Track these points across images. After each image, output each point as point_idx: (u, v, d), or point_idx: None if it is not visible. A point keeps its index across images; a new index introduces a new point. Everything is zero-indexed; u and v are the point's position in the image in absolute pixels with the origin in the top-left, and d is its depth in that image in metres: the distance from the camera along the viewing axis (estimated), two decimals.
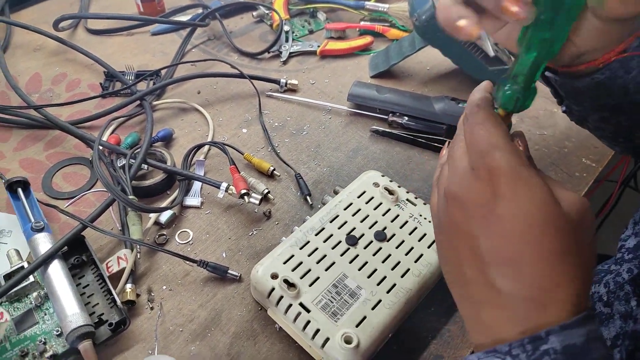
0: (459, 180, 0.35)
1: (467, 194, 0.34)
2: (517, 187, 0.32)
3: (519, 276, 0.31)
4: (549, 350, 0.29)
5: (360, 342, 0.46)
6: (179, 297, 0.55)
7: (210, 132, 0.72)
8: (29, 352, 0.48)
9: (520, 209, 0.32)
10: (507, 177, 0.32)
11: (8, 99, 0.75)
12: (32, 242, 0.53)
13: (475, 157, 0.34)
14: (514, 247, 0.32)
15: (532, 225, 0.31)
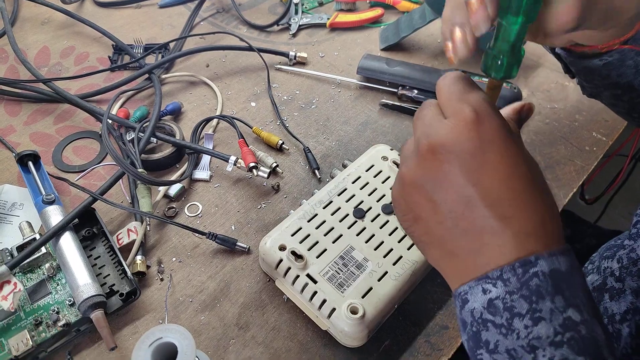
0: (445, 129, 0.34)
1: (454, 144, 0.33)
2: (503, 131, 0.33)
3: (513, 213, 0.32)
4: (538, 272, 0.31)
5: (366, 312, 0.46)
6: (189, 269, 0.55)
7: (218, 105, 0.72)
8: (42, 321, 0.49)
9: (508, 152, 0.33)
10: (494, 122, 0.33)
11: (17, 73, 0.75)
12: (44, 215, 0.54)
13: (458, 105, 0.34)
14: (507, 186, 0.32)
15: (520, 165, 0.33)
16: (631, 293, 0.53)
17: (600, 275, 0.61)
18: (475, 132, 0.32)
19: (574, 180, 0.66)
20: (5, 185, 0.61)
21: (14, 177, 0.63)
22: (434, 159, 0.33)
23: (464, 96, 0.34)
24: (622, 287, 0.55)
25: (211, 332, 0.51)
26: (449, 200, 0.33)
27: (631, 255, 0.57)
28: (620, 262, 0.58)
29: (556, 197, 0.64)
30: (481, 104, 0.34)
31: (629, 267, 0.55)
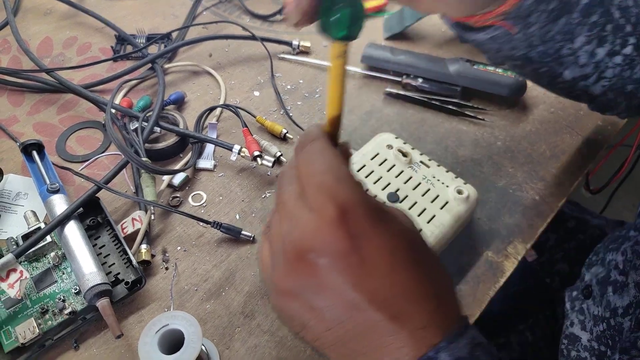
0: (309, 231, 0.29)
1: (322, 246, 0.29)
2: (372, 220, 0.30)
3: (404, 309, 0.29)
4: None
5: None
6: (194, 258, 0.55)
7: (222, 95, 0.71)
8: (48, 309, 0.49)
9: (383, 242, 0.30)
10: (360, 213, 0.29)
11: (20, 63, 0.75)
12: (48, 204, 0.54)
13: (318, 198, 0.30)
14: (391, 282, 0.29)
15: (400, 251, 0.30)
16: (635, 287, 0.53)
17: (604, 268, 0.60)
18: (344, 231, 0.29)
19: (579, 169, 0.66)
20: (10, 174, 0.61)
21: (17, 167, 0.62)
22: (305, 265, 0.29)
23: (327, 183, 0.30)
24: (626, 281, 0.55)
25: (217, 320, 0.51)
26: (332, 307, 0.30)
27: (635, 247, 0.56)
28: (625, 255, 0.57)
29: (562, 186, 0.64)
30: (346, 194, 0.29)
31: (633, 260, 0.55)
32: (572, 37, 0.46)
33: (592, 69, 0.48)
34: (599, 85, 0.50)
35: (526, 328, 0.75)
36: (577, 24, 0.45)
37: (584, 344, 0.58)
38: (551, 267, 0.80)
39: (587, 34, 0.46)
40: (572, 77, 0.50)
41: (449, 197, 0.54)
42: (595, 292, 0.59)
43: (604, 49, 0.47)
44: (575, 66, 0.48)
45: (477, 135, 0.68)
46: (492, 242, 0.58)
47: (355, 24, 0.31)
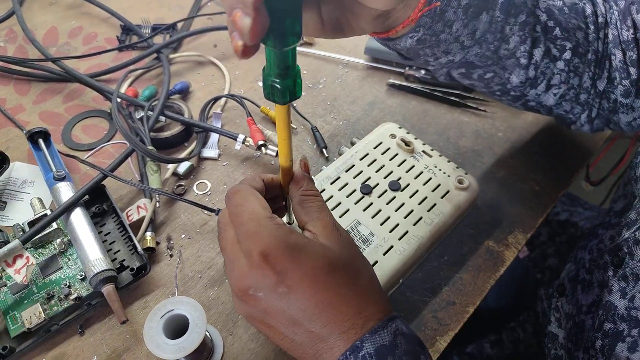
0: (243, 273, 0.37)
1: (256, 283, 0.36)
2: (291, 256, 0.36)
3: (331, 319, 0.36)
4: (365, 354, 0.35)
5: None
6: (198, 245, 0.56)
7: (226, 85, 0.72)
8: (54, 295, 0.50)
9: (305, 271, 0.36)
10: (280, 252, 0.36)
11: (26, 53, 0.76)
12: (55, 191, 0.55)
13: (246, 245, 0.37)
14: (316, 301, 0.36)
15: (319, 277, 0.36)
16: (597, 285, 0.54)
17: (575, 266, 0.61)
18: (269, 270, 0.35)
19: (579, 160, 0.67)
20: (16, 162, 0.61)
21: (24, 155, 0.63)
22: (249, 298, 0.37)
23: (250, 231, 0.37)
24: (591, 279, 0.56)
25: (220, 307, 0.52)
26: (279, 323, 0.37)
27: (600, 245, 0.57)
28: (591, 254, 0.58)
29: (562, 177, 0.64)
30: (267, 238, 0.36)
31: (597, 259, 0.56)
32: (504, 36, 0.47)
33: (536, 72, 0.50)
34: (550, 93, 0.52)
35: (517, 325, 0.76)
36: (504, 22, 0.46)
37: (560, 342, 0.59)
38: (543, 262, 0.80)
39: (520, 33, 0.48)
40: (519, 81, 0.51)
41: (449, 187, 0.55)
42: (567, 290, 0.60)
43: (540, 49, 0.49)
44: (518, 68, 0.50)
45: (478, 126, 0.69)
46: (493, 231, 0.59)
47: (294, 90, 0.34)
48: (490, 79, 0.52)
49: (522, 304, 0.80)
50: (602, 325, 0.49)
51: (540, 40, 0.49)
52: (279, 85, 0.33)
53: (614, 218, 0.58)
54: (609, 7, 0.52)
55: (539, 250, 0.82)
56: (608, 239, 0.57)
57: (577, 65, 0.51)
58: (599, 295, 0.53)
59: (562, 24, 0.50)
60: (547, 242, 0.82)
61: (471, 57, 0.48)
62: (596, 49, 0.51)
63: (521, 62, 0.49)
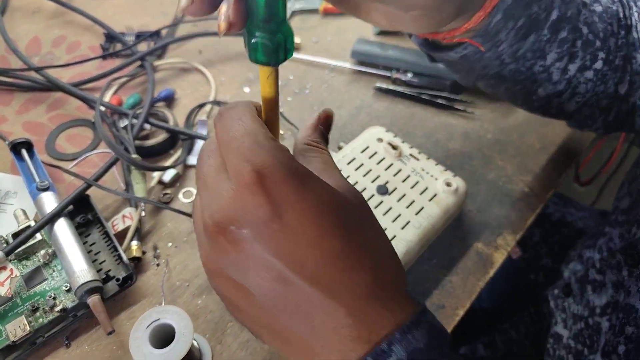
0: (228, 200, 0.27)
1: (242, 214, 0.27)
2: (294, 183, 0.27)
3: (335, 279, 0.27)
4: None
5: None
6: (185, 254, 0.55)
7: (212, 91, 0.71)
8: (39, 307, 0.49)
9: (310, 209, 0.27)
10: (280, 176, 0.27)
11: (8, 63, 0.75)
12: (38, 202, 0.54)
13: (236, 164, 0.28)
14: (321, 253, 0.27)
15: (327, 217, 0.28)
16: (612, 286, 0.53)
17: (582, 266, 0.61)
18: (263, 196, 0.26)
19: (567, 161, 0.67)
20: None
21: (6, 166, 0.62)
22: (226, 239, 0.27)
23: (243, 147, 0.28)
24: (603, 280, 0.55)
25: (209, 315, 0.51)
26: (260, 283, 0.27)
27: (609, 244, 0.57)
28: (601, 253, 0.58)
29: (551, 178, 0.64)
30: (264, 157, 0.27)
31: (608, 259, 0.55)
32: (543, 54, 0.45)
33: (565, 86, 0.48)
34: (573, 101, 0.50)
35: (511, 326, 0.75)
36: (547, 40, 0.45)
37: (564, 342, 0.59)
38: (536, 262, 0.80)
39: (558, 50, 0.45)
40: (545, 94, 0.49)
41: (437, 190, 0.55)
42: (575, 291, 0.60)
43: (575, 64, 0.47)
44: (548, 83, 0.48)
45: (466, 128, 0.69)
46: (482, 233, 0.59)
47: (275, 52, 0.29)
48: (517, 91, 0.50)
49: (516, 305, 0.80)
50: (624, 328, 0.48)
51: (577, 55, 0.47)
52: (268, 41, 0.28)
53: (621, 216, 0.57)
54: (628, 9, 0.50)
55: (532, 251, 0.82)
56: (617, 237, 0.56)
57: (606, 73, 0.49)
58: (613, 297, 0.52)
59: (599, 35, 0.47)
60: (540, 243, 0.82)
61: (504, 72, 0.46)
62: (624, 54, 0.49)
63: (553, 78, 0.47)
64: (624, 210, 0.57)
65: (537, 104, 0.52)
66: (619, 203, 0.58)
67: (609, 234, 0.58)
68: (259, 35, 0.28)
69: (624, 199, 0.57)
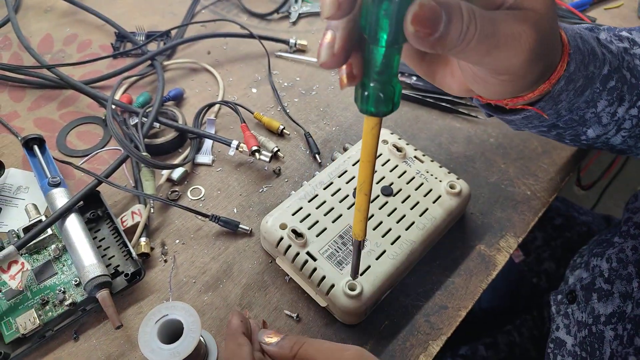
0: None
1: None
2: None
3: None
4: None
5: (363, 289, 0.47)
6: (192, 251, 0.56)
7: (220, 91, 0.72)
8: (49, 301, 0.50)
9: None
10: None
11: (21, 60, 0.76)
12: (49, 197, 0.55)
13: None
14: None
15: None
16: (619, 297, 0.54)
17: (589, 274, 0.61)
18: None
19: (569, 165, 0.67)
20: (11, 169, 0.62)
21: (18, 161, 0.63)
22: None
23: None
24: (611, 290, 0.55)
25: (214, 312, 0.52)
26: None
27: (620, 255, 0.57)
28: (610, 262, 0.58)
29: (553, 182, 0.65)
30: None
31: (618, 269, 0.56)
32: (595, 103, 0.46)
33: (613, 126, 0.49)
34: (619, 136, 0.51)
35: (513, 329, 0.76)
36: (599, 92, 0.45)
37: (569, 349, 0.59)
38: (538, 266, 0.81)
39: (607, 97, 0.46)
40: (595, 135, 0.50)
41: (441, 192, 0.55)
42: (579, 298, 0.60)
43: (624, 107, 0.48)
44: (597, 125, 0.49)
45: (470, 132, 0.70)
46: (485, 236, 0.59)
47: (386, 102, 0.31)
48: (567, 134, 0.51)
49: (517, 308, 0.80)
50: (633, 340, 0.49)
51: (625, 98, 0.48)
52: (381, 92, 0.30)
53: (634, 229, 0.57)
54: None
55: (534, 254, 0.83)
56: (630, 249, 0.56)
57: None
58: (620, 307, 0.53)
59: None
60: (542, 247, 0.83)
61: (559, 123, 0.47)
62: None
63: (602, 121, 0.48)
64: (639, 224, 0.57)
65: (585, 142, 0.52)
66: (633, 216, 0.58)
67: (619, 244, 0.58)
68: (373, 87, 0.30)
69: (638, 213, 0.58)
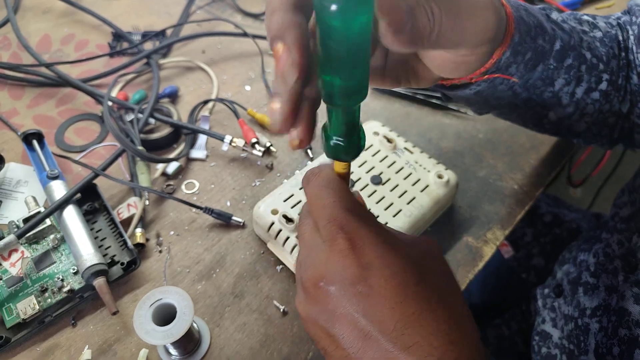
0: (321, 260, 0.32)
1: (332, 274, 0.31)
2: (381, 250, 0.31)
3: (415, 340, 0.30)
4: None
5: None
6: (186, 242, 0.58)
7: (214, 89, 0.74)
8: (48, 288, 0.52)
9: (391, 273, 0.31)
10: (369, 243, 0.32)
11: (20, 59, 0.78)
12: (48, 189, 0.56)
13: (329, 229, 0.33)
14: (400, 313, 0.30)
15: (409, 284, 0.31)
16: (605, 290, 0.55)
17: (576, 268, 0.62)
18: (353, 260, 0.31)
19: (557, 160, 0.69)
20: (11, 163, 0.63)
21: (18, 156, 0.65)
22: (318, 293, 0.32)
23: (335, 215, 0.33)
24: (597, 283, 0.56)
25: (207, 300, 0.54)
26: (346, 334, 0.31)
27: (607, 250, 0.58)
28: (597, 257, 0.59)
29: (541, 176, 0.67)
30: (355, 225, 0.32)
31: (605, 263, 0.57)
32: (552, 81, 0.48)
33: (574, 108, 0.50)
34: (583, 121, 0.52)
35: (502, 323, 0.77)
36: (554, 69, 0.47)
37: (555, 342, 0.61)
38: (527, 262, 0.82)
39: (565, 76, 0.48)
40: (557, 117, 0.51)
41: (429, 181, 0.57)
42: (566, 292, 0.61)
43: (582, 87, 0.49)
44: (558, 107, 0.50)
45: (459, 128, 0.71)
46: (472, 228, 0.61)
47: (353, 150, 0.33)
48: (529, 116, 0.52)
49: (507, 302, 0.81)
50: (617, 331, 0.50)
51: (583, 78, 0.49)
52: (343, 143, 0.31)
53: (620, 224, 0.58)
54: (626, 32, 0.53)
55: (524, 250, 0.84)
56: (616, 243, 0.57)
57: (610, 93, 0.51)
58: (605, 300, 0.54)
59: (602, 58, 0.50)
60: (532, 243, 0.84)
61: (516, 102, 0.49)
62: (625, 74, 0.51)
63: (562, 101, 0.49)
64: (625, 218, 0.58)
65: (549, 127, 0.54)
66: (619, 210, 0.60)
67: (605, 240, 0.59)
68: (337, 140, 0.32)
69: (624, 207, 0.59)
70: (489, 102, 0.48)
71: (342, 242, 0.31)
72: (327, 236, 0.32)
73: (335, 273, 0.31)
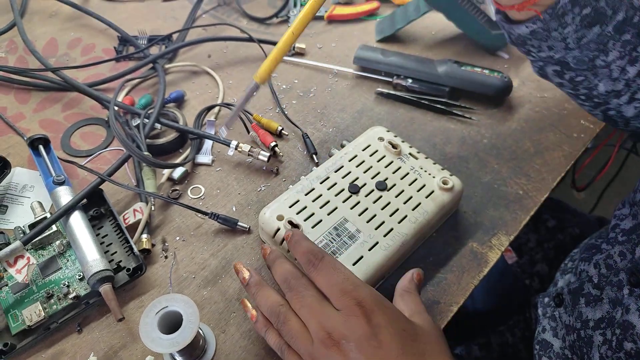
0: (340, 323, 0.40)
1: (350, 333, 0.39)
2: (387, 313, 0.40)
3: None
4: None
5: None
6: (192, 247, 0.58)
7: (220, 94, 0.74)
8: (53, 294, 0.52)
9: (396, 330, 0.40)
10: (376, 307, 0.40)
11: (27, 63, 0.78)
12: (54, 195, 0.57)
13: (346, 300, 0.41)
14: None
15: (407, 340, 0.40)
16: (609, 302, 0.54)
17: (577, 278, 0.62)
18: (365, 322, 0.39)
19: (562, 166, 0.69)
20: (17, 168, 0.63)
21: (24, 161, 0.65)
22: (338, 350, 0.39)
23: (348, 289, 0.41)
24: (600, 295, 0.56)
25: (213, 306, 0.54)
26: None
27: (608, 261, 0.58)
28: (598, 268, 0.59)
29: (545, 182, 0.66)
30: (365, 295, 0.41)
31: (609, 276, 0.56)
32: (606, 49, 0.49)
33: (624, 86, 0.51)
34: (632, 106, 0.53)
35: (506, 329, 0.77)
36: (610, 37, 0.48)
37: (556, 351, 0.60)
38: (531, 268, 0.82)
39: (620, 49, 0.49)
40: (605, 90, 0.53)
41: (434, 187, 0.57)
42: (567, 302, 0.61)
43: (635, 68, 0.50)
44: (608, 79, 0.52)
45: (464, 133, 0.71)
46: (477, 233, 0.61)
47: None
48: (580, 82, 0.54)
49: (511, 309, 0.81)
50: (622, 344, 0.50)
51: (637, 60, 0.50)
52: None
53: (621, 236, 0.59)
54: None
55: (527, 256, 0.84)
56: (618, 254, 0.57)
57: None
58: (609, 312, 0.53)
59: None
60: (535, 249, 0.84)
61: (569, 58, 0.51)
62: None
63: (613, 74, 0.51)
64: (626, 231, 0.58)
65: (597, 100, 0.55)
66: (620, 222, 0.60)
67: (606, 251, 0.59)
68: None
69: (625, 220, 0.59)
70: (543, 50, 0.51)
71: (357, 308, 0.40)
72: (343, 305, 0.41)
73: (352, 333, 0.39)
